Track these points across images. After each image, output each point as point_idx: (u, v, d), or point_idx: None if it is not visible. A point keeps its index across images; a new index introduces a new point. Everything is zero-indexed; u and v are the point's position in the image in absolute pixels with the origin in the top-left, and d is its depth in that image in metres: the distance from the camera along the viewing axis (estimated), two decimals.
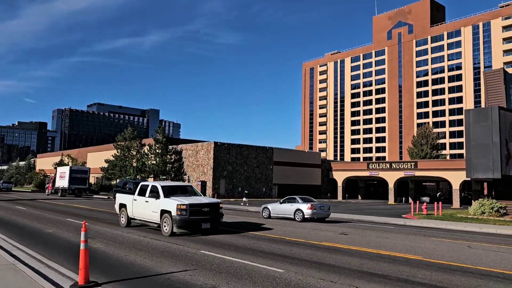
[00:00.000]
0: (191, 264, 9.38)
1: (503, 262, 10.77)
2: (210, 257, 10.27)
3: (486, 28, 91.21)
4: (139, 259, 9.81)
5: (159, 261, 9.60)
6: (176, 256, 10.31)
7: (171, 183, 17.07)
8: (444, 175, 53.22)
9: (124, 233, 14.66)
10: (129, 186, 29.22)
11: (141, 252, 10.75)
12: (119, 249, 11.26)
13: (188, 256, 10.33)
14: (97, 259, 9.57)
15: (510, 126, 26.63)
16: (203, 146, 54.89)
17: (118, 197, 19.07)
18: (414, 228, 20.63)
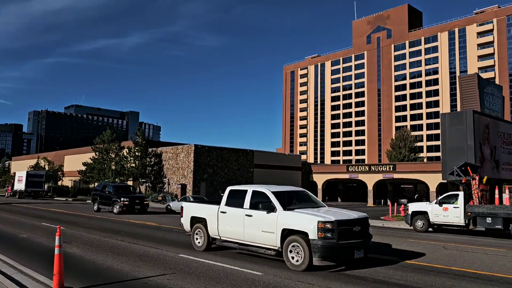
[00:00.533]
0: (169, 268, 9.32)
1: (476, 262, 11.05)
2: (189, 260, 10.22)
3: (461, 34, 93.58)
4: (117, 264, 9.68)
5: (137, 266, 9.50)
6: (155, 260, 10.21)
7: (285, 188, 11.31)
8: (421, 178, 54.28)
9: (102, 238, 14.44)
10: (109, 189, 28.74)
11: (118, 257, 10.61)
12: (96, 253, 11.09)
13: (166, 260, 10.25)
14: (72, 264, 9.40)
15: (484, 130, 27.32)
16: (183, 149, 54.54)
17: (187, 208, 12.83)
18: (391, 230, 20.96)
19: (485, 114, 28.07)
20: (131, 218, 23.76)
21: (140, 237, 14.89)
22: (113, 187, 29.05)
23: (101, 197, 28.83)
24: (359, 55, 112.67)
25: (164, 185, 54.79)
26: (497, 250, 13.70)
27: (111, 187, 29.32)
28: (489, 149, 27.91)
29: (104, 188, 29.66)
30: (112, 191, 28.38)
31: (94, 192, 30.80)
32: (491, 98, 29.73)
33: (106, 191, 28.93)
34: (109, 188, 29.10)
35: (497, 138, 28.81)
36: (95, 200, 29.54)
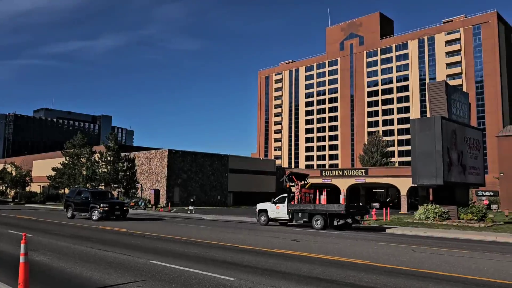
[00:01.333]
0: (141, 274, 9.17)
1: (443, 264, 11.35)
2: (161, 267, 10.09)
3: (430, 42, 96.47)
4: (86, 271, 9.46)
5: (107, 273, 9.31)
6: (125, 267, 10.03)
7: None
8: (392, 182, 55.42)
9: (70, 245, 14.08)
10: (85, 195, 27.64)
11: (87, 264, 10.37)
12: (64, 261, 10.81)
13: (137, 267, 10.09)
14: (39, 273, 9.13)
15: (451, 135, 28.21)
16: (157, 154, 53.91)
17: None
18: (363, 233, 21.26)
19: (453, 120, 29.00)
20: (108, 225, 23.27)
21: (111, 243, 14.61)
22: (90, 193, 27.99)
23: (76, 204, 27.67)
24: (333, 61, 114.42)
25: (137, 191, 53.93)
26: (463, 252, 14.13)
27: (88, 192, 28.25)
28: (457, 154, 28.84)
29: (79, 194, 28.46)
30: (89, 196, 27.35)
31: (67, 198, 29.39)
32: (458, 104, 30.71)
33: (83, 196, 27.76)
34: (85, 194, 27.99)
35: (464, 143, 29.81)
36: (68, 206, 28.31)
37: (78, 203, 27.65)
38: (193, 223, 26.38)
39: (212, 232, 19.62)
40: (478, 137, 32.00)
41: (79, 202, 27.63)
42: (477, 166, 31.23)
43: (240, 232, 19.92)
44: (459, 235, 20.40)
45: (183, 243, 15.15)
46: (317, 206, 23.60)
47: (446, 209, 28.37)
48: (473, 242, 17.84)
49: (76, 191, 29.89)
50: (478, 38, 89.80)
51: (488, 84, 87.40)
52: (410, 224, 26.21)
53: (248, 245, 14.70)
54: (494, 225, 25.76)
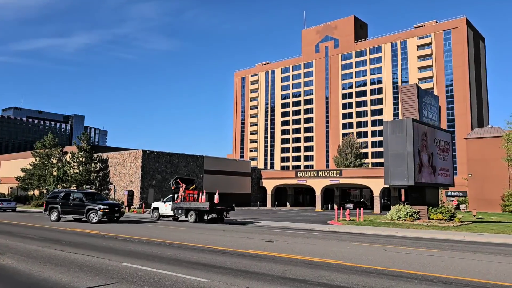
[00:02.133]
0: (112, 277, 9.01)
1: (413, 263, 11.62)
2: (133, 269, 9.94)
3: (403, 46, 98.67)
4: (55, 275, 9.22)
5: (77, 276, 9.10)
6: (96, 270, 9.84)
7: None
8: (366, 183, 56.35)
9: (39, 248, 13.70)
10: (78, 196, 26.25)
11: (57, 267, 10.11)
12: (33, 265, 10.50)
13: (109, 269, 9.91)
14: (6, 277, 8.85)
15: (422, 137, 28.92)
16: (130, 154, 53.11)
17: None
18: (337, 234, 21.55)
19: (423, 123, 29.74)
20: (84, 227, 22.73)
21: (82, 246, 14.30)
22: (84, 194, 26.68)
23: (65, 205, 26.29)
24: (308, 63, 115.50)
25: (110, 192, 52.97)
26: (432, 251, 14.50)
27: (81, 193, 26.78)
28: (427, 156, 29.58)
29: (68, 195, 26.93)
30: (83, 198, 26.12)
31: (50, 200, 27.40)
32: (429, 107, 31.49)
33: (75, 198, 26.38)
34: (77, 195, 26.55)
35: (434, 145, 30.61)
36: (53, 209, 26.64)
37: (68, 205, 26.28)
38: (168, 224, 26.10)
39: (187, 234, 19.47)
40: (448, 139, 32.92)
41: (69, 204, 26.26)
42: (447, 168, 32.12)
43: (215, 234, 19.84)
44: (429, 234, 20.92)
45: (156, 244, 14.97)
46: (192, 204, 27.90)
47: (417, 209, 29.06)
48: (442, 241, 18.33)
49: (62, 192, 27.91)
50: (448, 43, 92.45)
51: (458, 88, 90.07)
52: (382, 224, 26.70)
53: (222, 246, 14.66)
54: (462, 225, 26.54)
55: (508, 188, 52.26)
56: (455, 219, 28.44)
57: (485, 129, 60.89)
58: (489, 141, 54.75)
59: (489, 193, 54.00)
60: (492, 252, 14.71)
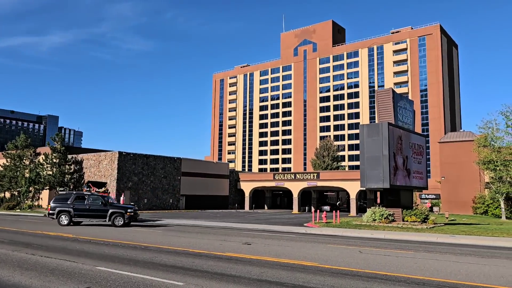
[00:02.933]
0: (85, 281, 8.83)
1: (388, 265, 11.82)
2: (107, 273, 9.77)
3: (380, 51, 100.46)
4: (25, 280, 8.97)
5: (48, 281, 8.88)
6: (69, 274, 9.62)
7: None
8: (343, 185, 57.00)
9: (9, 252, 13.30)
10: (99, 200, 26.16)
11: (28, 272, 9.84)
12: (2, 269, 10.19)
13: (82, 273, 9.70)
14: None
15: (397, 141, 29.49)
16: (106, 156, 52.22)
17: None
18: (313, 236, 21.71)
19: (399, 126, 30.33)
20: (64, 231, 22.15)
21: (54, 249, 13.96)
22: (102, 197, 26.37)
23: (81, 209, 25.51)
24: (287, 67, 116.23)
25: None
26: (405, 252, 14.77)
27: (101, 197, 26.39)
28: (402, 159, 30.17)
29: (82, 198, 26.16)
30: (105, 201, 25.87)
31: (59, 204, 25.88)
32: (404, 111, 32.13)
33: (97, 202, 25.88)
34: (97, 199, 26.11)
35: (409, 149, 31.25)
36: (62, 212, 25.39)
37: (85, 208, 25.58)
38: (144, 227, 25.75)
39: (163, 237, 19.26)
40: (422, 143, 33.66)
41: (87, 207, 25.61)
42: (421, 171, 32.83)
43: (192, 236, 19.69)
44: (403, 236, 21.32)
45: (131, 248, 14.75)
46: None
47: (392, 211, 29.59)
48: (416, 243, 18.71)
49: (72, 194, 26.90)
50: (423, 49, 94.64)
51: (432, 93, 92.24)
52: (358, 226, 27.05)
53: (199, 249, 14.57)
54: (435, 227, 27.16)
55: (479, 191, 53.78)
56: (429, 221, 29.08)
57: (457, 133, 62.56)
58: (461, 145, 56.27)
59: (461, 196, 55.45)
60: (463, 253, 15.10)
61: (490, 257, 13.99)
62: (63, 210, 25.46)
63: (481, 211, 51.48)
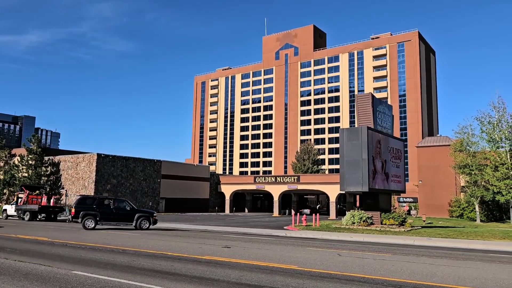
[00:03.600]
0: (60, 286, 8.63)
1: (365, 267, 11.95)
2: (83, 277, 9.58)
3: (360, 56, 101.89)
4: None
5: (21, 286, 8.64)
6: (43, 279, 9.39)
7: None
8: (322, 189, 57.42)
9: None
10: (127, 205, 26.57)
11: (0, 277, 9.56)
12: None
13: (57, 278, 9.49)
14: None
15: (376, 145, 29.91)
16: (84, 158, 51.33)
17: None
18: (293, 239, 21.79)
19: (378, 131, 30.77)
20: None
21: (29, 253, 13.62)
22: (128, 203, 26.95)
23: (107, 213, 25.71)
24: (268, 70, 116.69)
25: (62, 197, 50.90)
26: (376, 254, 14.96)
27: (128, 202, 27.00)
28: (381, 163, 30.60)
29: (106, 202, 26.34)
30: (132, 206, 26.54)
31: (83, 207, 25.55)
32: (383, 116, 32.62)
33: (124, 206, 26.30)
34: (126, 204, 26.50)
35: (388, 153, 31.72)
36: (88, 216, 25.15)
37: (111, 212, 25.78)
38: (121, 230, 25.39)
39: (141, 240, 19.03)
40: (400, 147, 34.24)
41: (113, 211, 25.83)
42: (399, 174, 33.38)
43: (171, 239, 19.52)
44: (381, 239, 21.60)
45: (109, 251, 14.52)
46: (28, 206, 35.23)
47: (370, 214, 29.96)
48: (394, 246, 18.98)
49: (94, 198, 26.84)
50: (402, 55, 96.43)
51: (410, 98, 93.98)
52: (337, 229, 27.29)
53: (178, 253, 14.44)
54: (412, 230, 27.63)
55: (455, 194, 54.97)
56: (406, 224, 29.56)
57: (435, 138, 63.87)
58: (438, 150, 57.46)
59: (437, 199, 56.58)
60: (439, 255, 15.39)
61: (465, 259, 14.30)
62: (88, 214, 25.25)
63: (457, 214, 52.61)
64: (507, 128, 43.19)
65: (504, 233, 25.95)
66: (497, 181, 42.09)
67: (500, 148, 43.92)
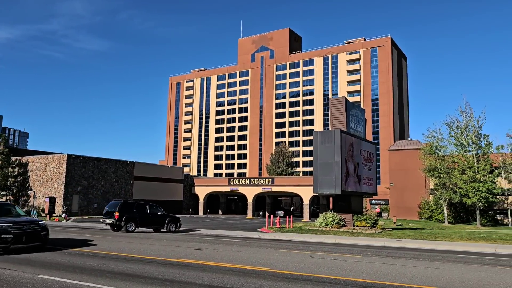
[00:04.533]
0: None
1: (337, 269, 12.12)
2: (50, 281, 9.33)
3: (334, 60, 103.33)
4: None
5: None
6: (8, 283, 9.10)
7: None
8: (296, 191, 57.87)
9: None
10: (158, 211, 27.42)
11: None
12: None
13: (23, 283, 9.21)
14: None
15: (349, 148, 30.38)
16: (54, 159, 50.02)
17: None
18: (267, 241, 21.86)
19: (350, 134, 31.26)
20: None
21: None
22: (159, 208, 28.11)
23: (145, 217, 26.63)
24: (244, 72, 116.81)
25: (29, 198, 49.44)
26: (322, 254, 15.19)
27: (158, 207, 27.97)
28: (353, 165, 31.09)
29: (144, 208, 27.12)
30: (163, 211, 28.03)
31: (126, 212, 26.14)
32: (356, 119, 33.16)
33: (156, 210, 27.50)
34: (157, 209, 27.72)
35: (360, 156, 32.27)
36: (131, 219, 26.09)
37: (148, 216, 26.86)
38: (93, 233, 24.87)
39: (112, 243, 18.68)
40: (372, 150, 34.87)
41: (150, 216, 26.95)
42: (371, 177, 33.98)
43: (143, 242, 19.24)
44: (353, 241, 21.94)
45: (78, 255, 14.19)
46: None
47: (343, 216, 30.38)
48: (365, 247, 19.31)
49: (136, 204, 27.36)
50: (375, 60, 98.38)
51: (382, 102, 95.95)
52: (310, 231, 27.53)
53: (150, 255, 14.25)
54: (383, 231, 28.17)
55: (424, 196, 56.41)
56: (377, 226, 30.12)
57: (405, 141, 65.41)
58: (409, 153, 58.85)
59: (408, 201, 57.92)
60: (408, 257, 15.75)
61: (433, 260, 14.69)
62: (130, 218, 26.22)
63: (426, 216, 54.00)
64: (474, 132, 44.69)
65: (470, 235, 26.80)
66: (464, 184, 43.47)
67: (467, 152, 45.41)
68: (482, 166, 43.43)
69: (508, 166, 47.18)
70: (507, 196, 49.95)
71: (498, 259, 15.64)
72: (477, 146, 44.76)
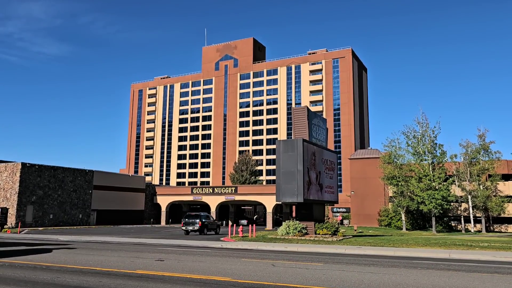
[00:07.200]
0: None
1: (298, 277, 12.19)
2: None
3: (297, 70, 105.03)
4: None
5: None
6: None
7: None
8: (260, 199, 57.99)
9: None
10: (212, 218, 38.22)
11: None
12: None
13: None
14: None
15: (311, 157, 30.83)
16: (7, 167, 47.76)
17: None
18: (229, 251, 21.71)
19: (312, 143, 31.75)
20: None
21: None
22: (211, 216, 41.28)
23: (209, 224, 37.51)
24: (208, 80, 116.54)
25: None
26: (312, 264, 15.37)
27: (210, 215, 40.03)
28: (315, 174, 31.54)
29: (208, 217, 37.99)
30: (214, 218, 39.92)
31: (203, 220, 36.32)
32: (317, 129, 33.72)
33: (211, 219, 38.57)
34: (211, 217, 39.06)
35: (322, 165, 32.80)
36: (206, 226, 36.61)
37: (210, 223, 37.96)
38: (47, 245, 23.81)
39: (68, 255, 17.96)
40: (334, 159, 35.55)
41: (212, 222, 38.37)
42: (332, 185, 34.60)
43: (101, 254, 18.62)
44: (315, 249, 22.18)
45: (31, 268, 13.52)
46: None
47: (305, 224, 30.69)
48: (326, 255, 19.56)
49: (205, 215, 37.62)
50: (337, 71, 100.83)
51: (344, 112, 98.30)
52: (273, 240, 27.62)
53: (108, 267, 13.81)
54: (344, 239, 28.68)
55: (383, 204, 57.99)
56: (338, 233, 30.64)
57: (366, 150, 67.14)
58: (369, 162, 60.42)
59: (368, 209, 59.33)
60: (367, 263, 16.09)
61: (391, 266, 15.07)
62: (205, 225, 36.53)
63: (385, 223, 55.47)
64: (429, 142, 46.53)
65: (426, 241, 27.74)
66: (420, 192, 45.06)
67: (424, 161, 47.19)
68: (437, 174, 45.22)
69: (461, 174, 49.37)
70: (460, 203, 52.19)
71: (451, 264, 16.26)
72: (433, 155, 46.61)
